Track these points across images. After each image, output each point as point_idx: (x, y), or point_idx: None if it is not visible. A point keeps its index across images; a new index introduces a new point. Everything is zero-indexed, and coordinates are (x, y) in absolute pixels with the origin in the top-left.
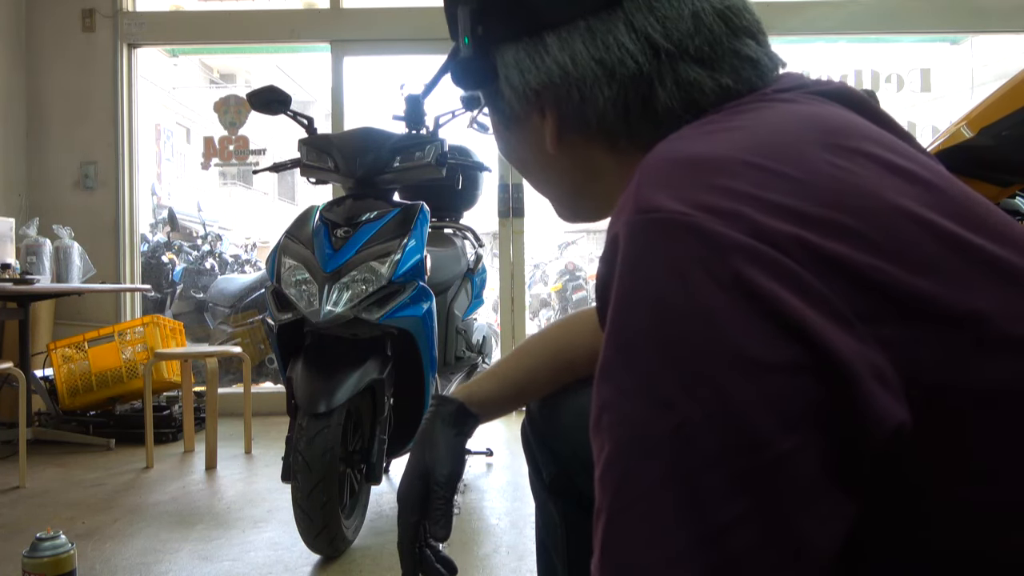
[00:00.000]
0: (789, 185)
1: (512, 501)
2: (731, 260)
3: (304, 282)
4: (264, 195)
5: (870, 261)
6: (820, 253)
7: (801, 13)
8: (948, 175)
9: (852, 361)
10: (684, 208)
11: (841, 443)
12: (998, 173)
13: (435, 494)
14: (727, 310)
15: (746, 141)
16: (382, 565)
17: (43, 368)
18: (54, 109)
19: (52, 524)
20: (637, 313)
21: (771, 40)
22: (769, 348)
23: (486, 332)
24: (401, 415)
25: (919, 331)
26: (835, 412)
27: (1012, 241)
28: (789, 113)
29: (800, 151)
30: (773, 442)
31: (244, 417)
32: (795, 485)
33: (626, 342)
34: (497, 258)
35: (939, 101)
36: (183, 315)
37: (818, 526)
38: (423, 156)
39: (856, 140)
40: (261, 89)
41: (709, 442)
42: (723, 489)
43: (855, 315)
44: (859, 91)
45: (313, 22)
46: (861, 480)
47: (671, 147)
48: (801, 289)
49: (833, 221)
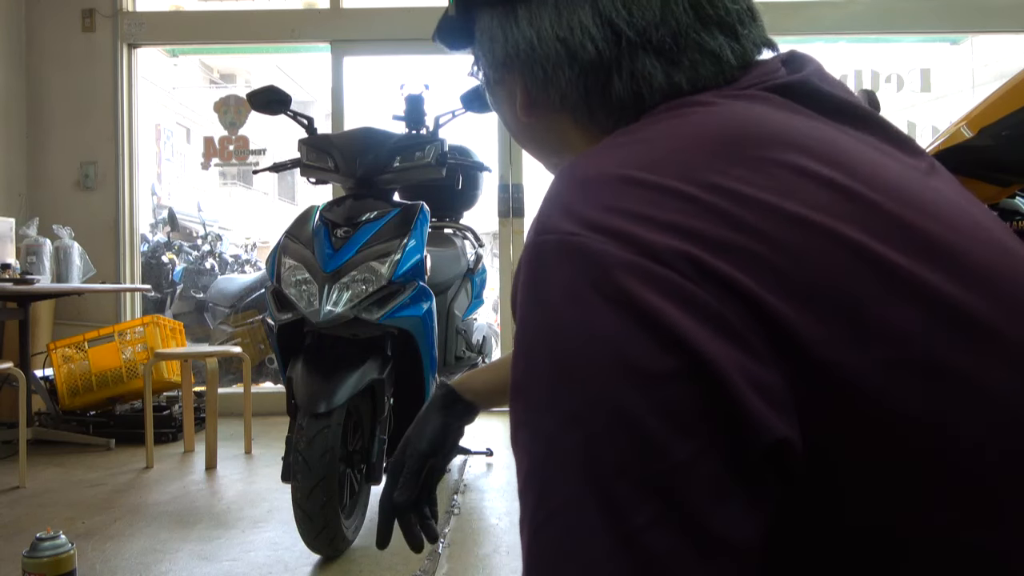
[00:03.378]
0: (681, 203)
1: (512, 501)
2: (615, 276)
3: (304, 282)
4: (264, 195)
5: (760, 279)
6: (708, 267)
7: (801, 13)
8: (900, 178)
9: (726, 369)
10: (573, 228)
11: (734, 449)
12: (998, 173)
13: (407, 464)
14: (614, 324)
15: (643, 157)
16: (382, 565)
17: (43, 368)
18: (54, 109)
19: (52, 524)
20: (536, 333)
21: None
22: (652, 358)
23: (486, 332)
24: (401, 415)
25: (814, 353)
26: (722, 419)
27: (946, 260)
28: (701, 123)
29: (700, 165)
30: (671, 447)
31: (244, 417)
32: (700, 486)
33: (530, 361)
34: (497, 258)
35: (939, 101)
36: (183, 315)
37: (729, 525)
38: (423, 156)
39: (770, 149)
40: (261, 89)
41: (614, 451)
42: (634, 494)
43: (747, 329)
44: (827, 79)
45: (313, 22)
46: (766, 485)
47: (574, 165)
48: (683, 300)
49: (721, 237)
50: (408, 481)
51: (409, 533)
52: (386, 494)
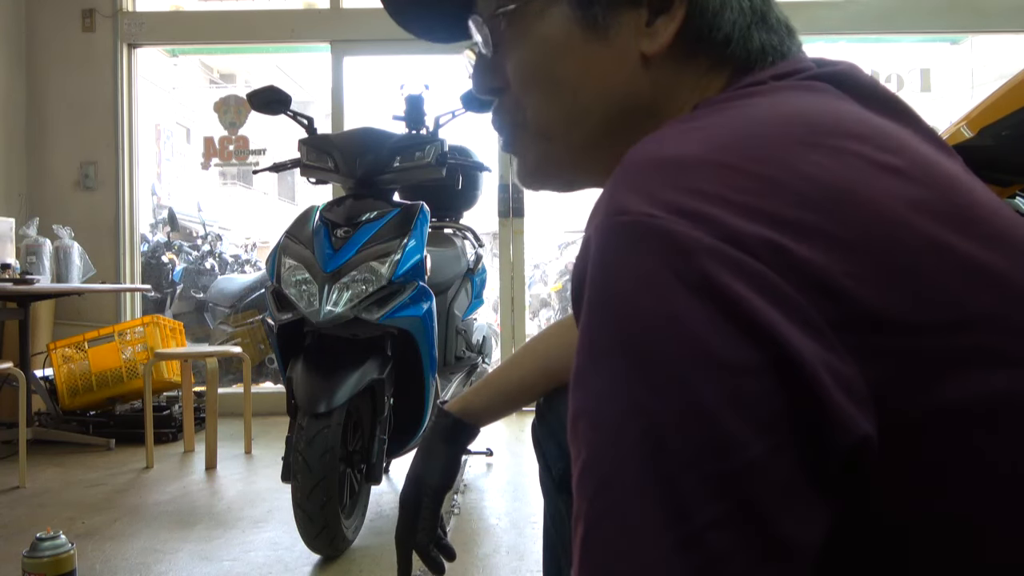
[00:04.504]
0: (763, 186)
1: (512, 501)
2: (697, 262)
3: (304, 282)
4: (264, 195)
5: (844, 268)
6: (792, 257)
7: (801, 13)
8: (949, 170)
9: (814, 366)
10: (652, 210)
11: (811, 447)
12: (998, 173)
13: (424, 503)
14: (693, 311)
15: (722, 140)
16: (382, 565)
17: (43, 368)
18: (54, 109)
19: (52, 524)
20: (606, 318)
21: None
22: (734, 349)
23: (486, 332)
24: (401, 415)
25: (891, 342)
26: (802, 416)
27: (1010, 244)
28: (773, 108)
29: (779, 150)
30: (744, 444)
31: (244, 417)
32: (770, 486)
33: (597, 347)
34: (497, 258)
35: (939, 101)
36: (183, 315)
37: (796, 527)
38: (423, 156)
39: (841, 137)
40: (261, 89)
41: (682, 445)
42: (700, 491)
43: (827, 322)
44: (864, 73)
45: (313, 22)
46: (836, 485)
47: (646, 148)
48: (768, 291)
49: (807, 224)
50: (428, 522)
51: (432, 565)
52: (403, 531)
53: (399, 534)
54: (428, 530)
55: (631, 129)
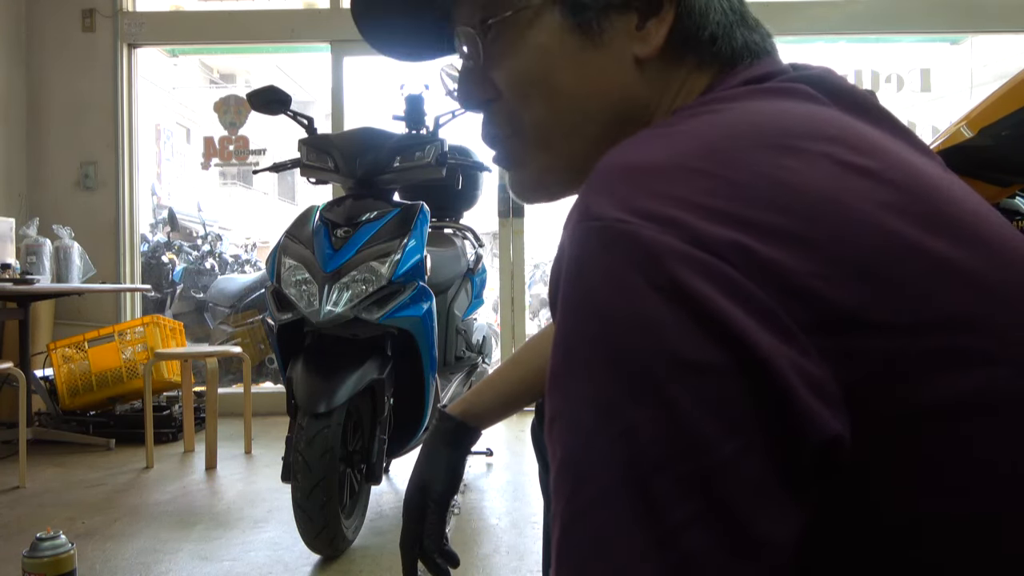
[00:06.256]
0: (732, 190)
1: (512, 501)
2: (666, 265)
3: (304, 282)
4: (264, 195)
5: (813, 269)
6: (760, 259)
7: (801, 13)
8: (925, 171)
9: (782, 367)
10: (623, 215)
11: (781, 448)
12: (998, 173)
13: (430, 508)
14: (663, 314)
15: (694, 145)
16: (382, 565)
17: (43, 368)
18: (54, 109)
19: (52, 524)
20: (579, 321)
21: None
22: (703, 351)
23: (486, 332)
24: (401, 415)
25: (862, 343)
26: (771, 417)
27: (985, 244)
28: (746, 113)
29: (749, 154)
30: (715, 444)
31: (244, 417)
32: (743, 486)
33: (571, 350)
34: (497, 258)
35: (939, 101)
36: (183, 315)
37: (771, 526)
38: (423, 156)
39: (814, 140)
40: (261, 89)
41: (655, 445)
42: (673, 491)
43: (796, 323)
44: (840, 76)
45: (313, 22)
46: (811, 485)
47: (619, 154)
48: (736, 294)
49: (776, 226)
50: (434, 529)
51: (437, 572)
52: (408, 537)
53: (404, 541)
54: (434, 536)
55: (629, 133)
